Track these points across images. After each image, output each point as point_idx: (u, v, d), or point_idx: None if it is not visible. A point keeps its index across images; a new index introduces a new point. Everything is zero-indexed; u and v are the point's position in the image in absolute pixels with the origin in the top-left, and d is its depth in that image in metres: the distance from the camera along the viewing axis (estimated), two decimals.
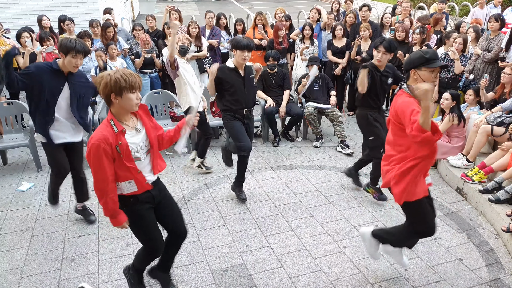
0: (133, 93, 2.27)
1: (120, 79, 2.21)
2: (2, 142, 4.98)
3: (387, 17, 6.62)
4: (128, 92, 2.24)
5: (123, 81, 2.21)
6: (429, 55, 2.56)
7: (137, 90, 2.29)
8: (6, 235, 3.70)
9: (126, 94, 2.25)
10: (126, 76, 2.22)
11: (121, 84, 2.21)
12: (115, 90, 2.22)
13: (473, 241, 3.53)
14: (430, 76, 2.57)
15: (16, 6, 8.41)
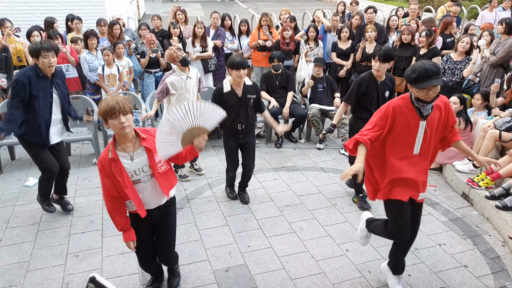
0: (113, 119, 2.26)
1: (100, 108, 2.27)
2: (10, 138, 5.00)
3: (393, 20, 6.60)
4: (110, 118, 2.26)
5: (102, 109, 2.26)
6: (416, 74, 2.37)
7: (120, 115, 2.25)
8: (13, 229, 3.74)
9: (110, 121, 2.28)
10: (106, 103, 2.25)
11: (101, 112, 2.27)
12: (103, 118, 2.29)
13: (479, 248, 3.51)
14: (423, 93, 2.40)
15: (25, 5, 8.51)
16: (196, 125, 2.29)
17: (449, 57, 5.22)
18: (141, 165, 2.43)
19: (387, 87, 3.87)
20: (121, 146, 2.40)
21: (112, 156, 2.35)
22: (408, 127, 2.55)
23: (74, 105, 5.12)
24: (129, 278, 3.13)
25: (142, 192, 2.49)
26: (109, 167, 2.37)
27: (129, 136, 2.38)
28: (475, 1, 13.76)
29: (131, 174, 2.42)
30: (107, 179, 2.40)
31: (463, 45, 5.09)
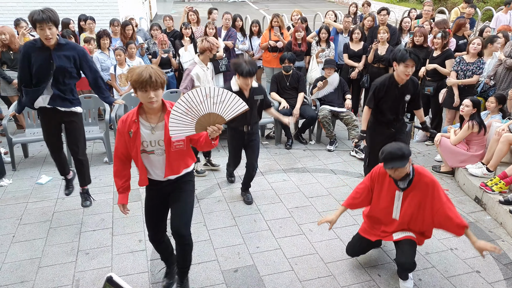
0: (143, 92, 2.25)
1: (133, 76, 2.24)
2: (24, 136, 5.11)
3: (406, 21, 6.54)
4: (140, 90, 2.26)
5: (134, 79, 2.23)
6: (383, 155, 2.72)
7: (150, 90, 2.25)
8: (25, 225, 3.80)
9: (139, 92, 2.28)
10: (140, 75, 2.22)
11: (132, 81, 2.25)
12: (133, 85, 2.28)
13: (492, 253, 3.44)
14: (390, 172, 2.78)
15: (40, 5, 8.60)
16: (213, 111, 2.24)
17: (462, 59, 5.15)
18: (158, 138, 2.43)
19: (407, 90, 3.77)
20: (145, 115, 2.42)
21: (134, 118, 2.38)
22: (386, 192, 2.92)
23: (86, 104, 5.24)
24: (139, 276, 3.15)
25: (153, 163, 2.50)
26: (127, 129, 2.40)
27: (155, 109, 2.39)
28: (489, 3, 13.56)
29: (146, 144, 2.43)
30: (121, 140, 2.45)
31: (474, 46, 5.02)
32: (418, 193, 2.84)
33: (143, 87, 2.23)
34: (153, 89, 2.25)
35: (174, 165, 2.53)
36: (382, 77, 3.82)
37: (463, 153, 4.57)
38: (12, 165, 4.91)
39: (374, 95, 3.78)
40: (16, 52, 5.36)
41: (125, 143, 2.46)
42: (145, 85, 2.22)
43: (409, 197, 2.86)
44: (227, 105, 2.26)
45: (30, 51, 3.29)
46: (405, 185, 2.85)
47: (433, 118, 5.73)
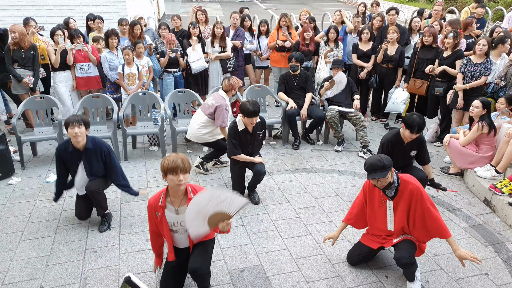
0: (174, 175, 2.54)
1: (164, 163, 2.56)
2: (32, 134, 5.16)
3: (415, 21, 6.48)
4: (170, 174, 2.55)
5: (166, 165, 2.54)
6: (366, 167, 2.89)
7: (179, 173, 2.54)
8: (34, 224, 3.83)
9: (170, 176, 2.56)
10: (172, 161, 2.53)
11: (164, 167, 2.55)
12: (163, 171, 2.58)
13: (501, 255, 3.41)
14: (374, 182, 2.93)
15: (49, 4, 8.71)
16: (219, 211, 2.49)
17: (469, 60, 5.08)
18: (181, 220, 2.71)
19: (414, 147, 3.85)
20: (170, 198, 2.71)
21: (162, 204, 2.69)
22: (378, 203, 3.05)
23: (94, 104, 5.27)
24: (146, 275, 3.16)
25: (178, 239, 2.83)
26: (154, 211, 2.72)
27: (180, 191, 2.67)
28: (500, 3, 13.41)
29: (170, 225, 2.74)
30: (151, 220, 2.79)
31: (480, 47, 4.96)
32: (406, 201, 2.95)
33: (175, 171, 2.52)
34: (182, 172, 2.55)
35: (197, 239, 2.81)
36: (390, 133, 3.91)
37: (472, 154, 4.52)
38: (21, 163, 4.95)
39: (382, 149, 3.89)
40: (26, 50, 5.41)
41: (155, 222, 2.78)
42: (176, 169, 2.52)
43: (399, 205, 2.98)
44: (229, 202, 2.48)
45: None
46: (392, 193, 2.97)
47: (442, 119, 5.68)
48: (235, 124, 4.06)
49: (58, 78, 5.75)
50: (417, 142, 3.82)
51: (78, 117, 3.49)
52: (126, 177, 3.84)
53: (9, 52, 5.33)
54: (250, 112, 3.88)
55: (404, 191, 2.94)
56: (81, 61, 5.73)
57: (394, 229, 3.05)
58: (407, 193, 2.93)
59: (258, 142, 4.22)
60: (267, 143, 5.75)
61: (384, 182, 2.88)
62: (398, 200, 2.97)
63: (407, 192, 2.93)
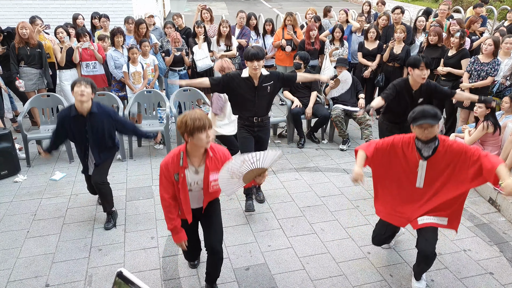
0: (202, 133, 2.45)
1: (190, 121, 2.43)
2: (39, 132, 5.19)
3: (420, 20, 6.45)
4: (199, 132, 2.44)
5: (190, 123, 2.42)
6: (415, 114, 2.69)
7: (207, 130, 2.46)
8: (39, 221, 3.86)
9: (198, 134, 2.45)
10: (195, 118, 2.43)
11: (192, 126, 2.43)
12: (187, 130, 2.45)
13: (505, 255, 3.40)
14: (420, 131, 2.69)
15: (55, 3, 8.76)
16: (255, 167, 2.45)
17: (476, 59, 5.06)
18: (198, 179, 2.64)
19: (422, 95, 3.82)
20: (190, 158, 2.61)
21: (184, 165, 2.56)
22: (408, 164, 2.83)
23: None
24: (151, 273, 3.17)
25: (191, 198, 2.70)
26: (173, 172, 2.56)
27: (202, 150, 2.58)
28: (506, 2, 13.31)
29: (189, 185, 2.63)
30: (167, 182, 2.60)
31: (486, 47, 4.93)
32: (447, 158, 2.73)
33: (204, 128, 2.43)
34: (210, 128, 2.48)
35: (209, 198, 2.76)
36: (401, 79, 3.92)
37: None
38: (26, 161, 4.99)
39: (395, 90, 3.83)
40: (33, 48, 5.44)
41: (171, 186, 2.61)
42: (205, 126, 2.44)
43: (435, 164, 2.76)
44: (263, 159, 2.44)
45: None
46: (430, 153, 2.74)
47: (448, 118, 5.65)
48: (239, 71, 3.77)
49: (64, 76, 5.78)
50: (426, 87, 3.76)
51: (86, 79, 3.42)
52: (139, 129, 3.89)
53: (14, 50, 5.36)
54: (250, 55, 3.51)
55: (444, 151, 2.72)
56: (87, 59, 5.76)
57: (424, 187, 2.83)
58: (451, 152, 2.71)
59: (264, 98, 3.76)
60: (272, 141, 5.75)
61: (431, 133, 2.66)
62: (433, 160, 2.75)
63: (451, 150, 2.71)
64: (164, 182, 2.61)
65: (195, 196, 2.73)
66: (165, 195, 2.63)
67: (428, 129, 2.64)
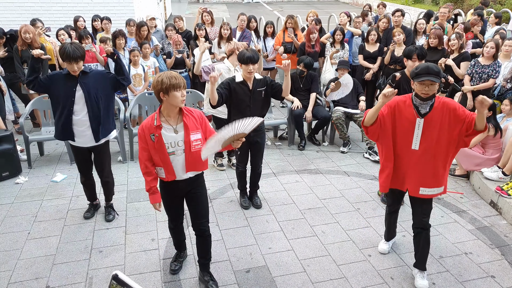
0: (177, 91, 2.54)
1: (165, 80, 2.52)
2: (40, 134, 5.20)
3: (420, 23, 6.47)
4: (174, 90, 2.53)
5: (166, 81, 2.51)
6: (419, 69, 2.72)
7: (182, 89, 2.56)
8: (40, 223, 3.86)
9: (173, 92, 2.54)
10: (173, 77, 2.53)
11: (167, 84, 2.51)
12: (165, 89, 2.52)
13: (507, 258, 3.39)
14: (421, 88, 2.71)
15: (57, 5, 8.79)
16: (235, 133, 2.49)
17: (477, 61, 5.06)
18: (178, 139, 2.66)
19: None
20: (165, 118, 2.67)
21: (157, 124, 2.61)
22: (405, 122, 2.83)
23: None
24: (151, 275, 3.17)
25: (174, 163, 2.71)
26: (149, 133, 2.63)
27: (176, 110, 2.65)
28: (506, 5, 13.33)
29: (167, 145, 2.65)
30: (144, 144, 2.68)
31: (488, 50, 4.94)
32: (442, 115, 2.75)
33: (179, 87, 2.53)
34: (184, 88, 2.58)
35: (193, 163, 2.74)
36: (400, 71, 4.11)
37: (479, 156, 4.50)
38: (28, 163, 4.99)
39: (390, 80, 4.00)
40: None
41: (147, 148, 2.69)
42: (180, 85, 2.54)
43: (431, 122, 2.77)
44: (247, 124, 2.48)
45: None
46: (427, 110, 2.76)
47: None
48: (233, 76, 3.74)
49: None
50: None
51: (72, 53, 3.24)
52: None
53: (17, 52, 5.38)
54: (245, 58, 3.49)
55: (440, 108, 2.75)
56: (89, 62, 5.77)
57: (420, 149, 2.84)
58: (445, 108, 2.74)
59: (258, 102, 3.76)
60: (272, 144, 5.76)
61: (432, 90, 2.69)
62: (430, 117, 2.76)
63: (445, 107, 2.74)
64: (141, 145, 2.70)
65: (179, 162, 2.71)
66: (142, 157, 2.72)
67: (429, 86, 2.68)
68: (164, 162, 2.68)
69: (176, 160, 2.71)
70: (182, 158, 2.71)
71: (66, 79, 3.41)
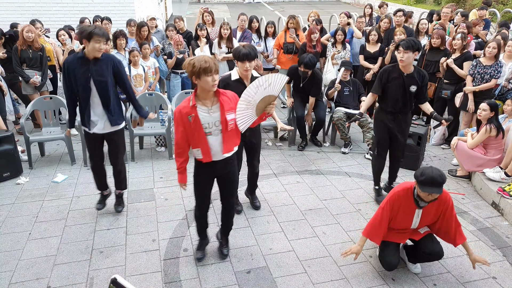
0: (208, 76, 2.61)
1: (197, 64, 2.60)
2: (41, 135, 5.21)
3: (423, 23, 6.45)
4: (205, 75, 2.61)
5: (197, 65, 2.59)
6: (424, 178, 2.74)
7: (213, 74, 2.62)
8: (41, 223, 3.86)
9: (204, 77, 2.62)
10: (205, 61, 2.60)
11: (198, 68, 2.59)
12: (197, 73, 2.62)
13: (509, 259, 3.38)
14: (424, 195, 2.80)
15: (58, 6, 8.80)
16: (265, 95, 2.60)
17: (478, 62, 5.05)
18: (215, 120, 2.77)
19: (413, 81, 3.79)
20: (201, 101, 2.77)
21: (192, 104, 2.72)
22: (404, 211, 2.99)
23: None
24: (152, 276, 3.16)
25: (211, 143, 2.83)
26: (186, 114, 2.73)
27: (211, 93, 2.74)
28: (509, 5, 13.30)
29: (205, 126, 2.77)
30: (180, 126, 2.79)
31: (490, 50, 4.93)
32: (435, 205, 2.96)
33: (210, 71, 2.60)
34: (216, 73, 2.64)
35: (229, 143, 2.87)
36: (386, 66, 3.98)
37: (480, 157, 4.48)
38: (29, 163, 4.99)
39: (380, 80, 3.88)
40: (35, 51, 5.46)
41: (184, 130, 2.79)
42: (211, 69, 2.60)
43: (427, 210, 2.99)
44: (272, 83, 2.60)
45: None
46: (426, 203, 2.91)
47: (450, 121, 5.63)
48: (229, 75, 3.58)
49: None
50: (418, 75, 3.81)
51: (101, 31, 3.26)
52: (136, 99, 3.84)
53: (16, 52, 5.38)
54: (242, 54, 3.32)
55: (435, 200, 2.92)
56: None
57: (417, 227, 3.10)
58: (441, 200, 2.93)
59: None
60: (273, 144, 5.75)
61: (435, 197, 2.83)
62: (426, 208, 2.98)
63: (440, 199, 2.93)
64: (177, 127, 2.81)
65: (217, 143, 2.83)
66: (178, 138, 2.84)
67: (433, 195, 2.79)
68: (201, 142, 2.79)
69: (213, 140, 2.82)
70: (220, 138, 2.82)
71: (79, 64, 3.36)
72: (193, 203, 4.18)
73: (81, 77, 3.37)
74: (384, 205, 3.00)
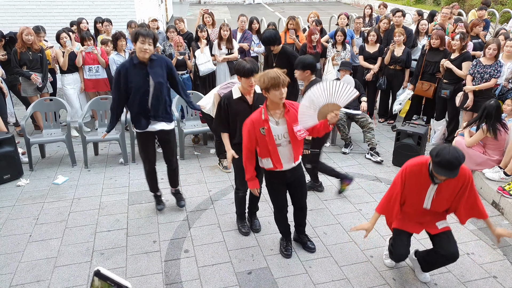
0: (276, 90, 2.75)
1: (266, 79, 2.74)
2: (41, 136, 5.21)
3: (423, 24, 6.46)
4: (273, 89, 2.75)
5: (267, 81, 2.73)
6: (439, 159, 2.57)
7: (281, 88, 2.74)
8: (42, 225, 3.86)
9: (273, 91, 2.77)
10: (271, 77, 2.73)
11: (267, 83, 2.74)
12: (264, 87, 2.77)
13: (509, 258, 3.38)
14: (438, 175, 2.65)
15: (58, 7, 8.79)
16: (330, 102, 2.65)
17: (478, 61, 5.05)
18: (283, 132, 2.92)
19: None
20: (270, 112, 2.91)
21: (265, 118, 2.87)
22: (418, 186, 2.85)
23: (102, 106, 5.31)
24: (153, 277, 3.17)
25: (281, 154, 2.97)
26: (258, 127, 2.88)
27: (280, 105, 2.88)
28: (508, 5, 13.31)
29: (276, 137, 2.91)
30: (251, 136, 2.93)
31: (490, 51, 4.93)
32: (453, 181, 2.77)
33: (278, 85, 2.73)
34: (283, 86, 2.76)
35: (297, 152, 3.03)
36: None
37: (479, 155, 4.48)
38: (29, 165, 5.00)
39: None
40: (35, 53, 5.47)
41: (254, 140, 2.95)
42: (279, 84, 2.72)
43: (443, 186, 2.80)
44: (341, 93, 2.65)
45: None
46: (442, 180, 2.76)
47: (450, 121, 5.64)
48: (230, 93, 3.35)
49: (66, 80, 5.81)
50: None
51: (145, 30, 3.35)
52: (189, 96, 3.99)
53: (15, 54, 5.39)
54: (245, 70, 3.13)
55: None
56: (90, 63, 5.79)
57: (431, 208, 2.89)
58: (459, 176, 2.73)
59: None
60: None
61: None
62: (442, 184, 2.78)
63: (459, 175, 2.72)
64: (247, 136, 2.94)
65: (286, 153, 2.97)
66: (246, 147, 2.98)
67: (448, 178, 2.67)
68: (273, 153, 2.94)
69: (283, 151, 2.96)
70: (289, 149, 2.97)
71: (136, 69, 3.46)
72: (194, 204, 4.22)
73: (139, 80, 3.47)
74: (396, 179, 2.89)
